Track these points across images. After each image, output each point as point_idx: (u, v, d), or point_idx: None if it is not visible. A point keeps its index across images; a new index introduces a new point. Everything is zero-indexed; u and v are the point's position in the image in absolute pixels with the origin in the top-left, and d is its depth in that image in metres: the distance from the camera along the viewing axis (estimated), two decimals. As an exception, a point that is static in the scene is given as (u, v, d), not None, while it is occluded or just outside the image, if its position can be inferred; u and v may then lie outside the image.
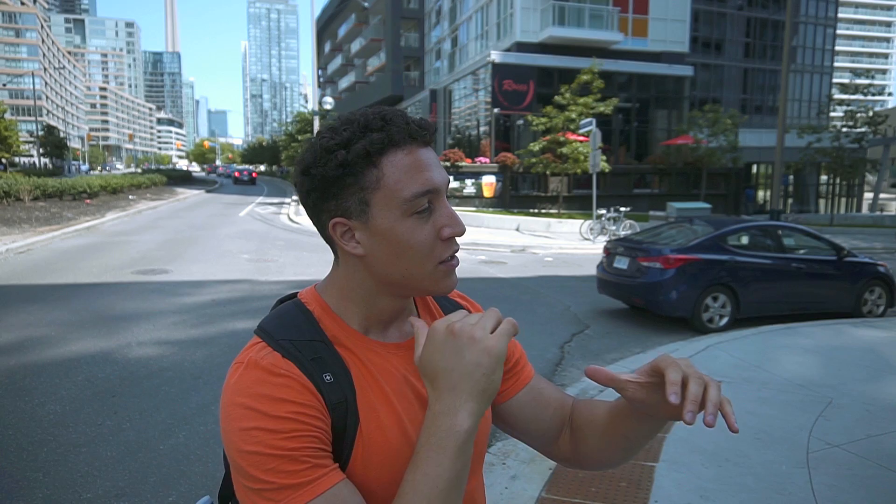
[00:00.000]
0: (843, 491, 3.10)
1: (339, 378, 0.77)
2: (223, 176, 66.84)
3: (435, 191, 0.78)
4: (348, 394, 0.77)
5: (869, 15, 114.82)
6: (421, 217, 0.77)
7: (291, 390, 0.72)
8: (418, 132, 0.78)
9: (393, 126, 0.77)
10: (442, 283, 0.81)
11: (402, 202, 0.76)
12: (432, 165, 0.79)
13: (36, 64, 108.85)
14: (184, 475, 3.32)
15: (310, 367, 0.75)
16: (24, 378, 4.74)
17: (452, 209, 0.80)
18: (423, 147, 0.79)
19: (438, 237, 0.78)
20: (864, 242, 17.14)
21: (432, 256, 0.79)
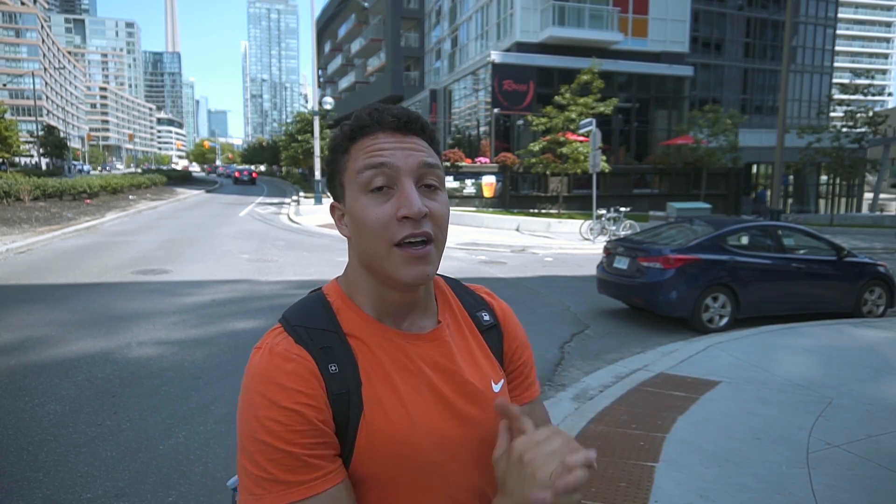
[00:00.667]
0: (843, 491, 3.10)
1: (344, 369, 0.80)
2: (223, 176, 66.84)
3: (386, 166, 0.80)
4: (351, 385, 0.80)
5: (869, 15, 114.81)
6: (377, 195, 0.81)
7: (300, 379, 0.77)
8: (390, 121, 0.83)
9: (368, 117, 0.84)
10: (401, 270, 0.81)
11: (356, 178, 0.82)
12: (393, 147, 0.82)
13: (36, 64, 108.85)
14: (184, 475, 3.32)
15: (318, 356, 0.80)
16: (24, 378, 4.74)
17: (413, 192, 0.80)
18: (401, 134, 0.83)
19: (396, 217, 0.80)
20: (864, 242, 17.13)
21: (386, 236, 0.80)
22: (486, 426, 0.86)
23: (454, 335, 0.92)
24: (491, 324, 0.97)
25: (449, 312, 0.95)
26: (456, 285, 1.01)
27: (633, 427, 3.87)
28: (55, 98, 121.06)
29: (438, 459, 0.83)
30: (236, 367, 5.15)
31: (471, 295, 1.00)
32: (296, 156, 37.29)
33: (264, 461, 0.75)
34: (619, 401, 4.37)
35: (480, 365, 0.92)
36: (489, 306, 1.00)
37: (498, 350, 0.97)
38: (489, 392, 0.89)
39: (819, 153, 25.01)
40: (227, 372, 5.03)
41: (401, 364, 0.84)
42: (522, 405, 0.98)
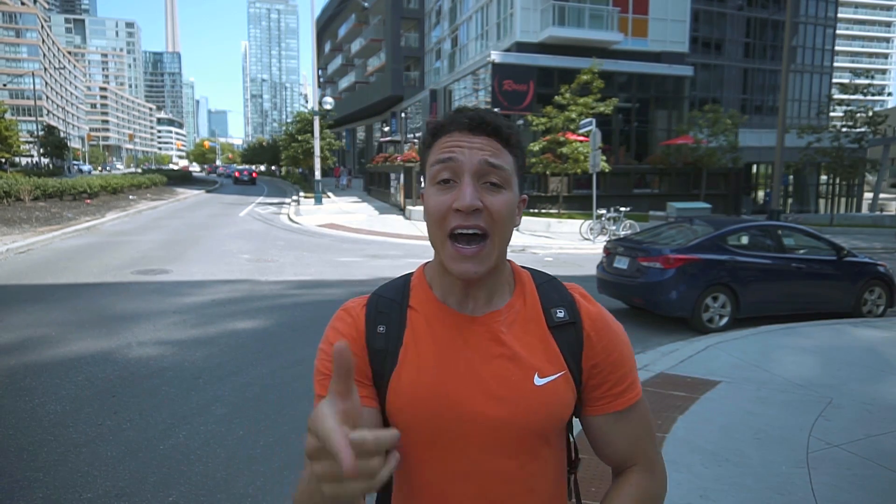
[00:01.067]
0: (843, 491, 3.10)
1: (390, 332, 0.96)
2: (223, 176, 66.81)
3: (453, 162, 0.89)
4: (391, 346, 0.95)
5: (869, 15, 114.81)
6: (442, 187, 0.90)
7: (348, 327, 0.97)
8: (464, 122, 0.92)
9: (448, 117, 0.94)
10: (451, 263, 0.90)
11: (429, 169, 0.93)
12: (462, 146, 0.90)
13: (36, 64, 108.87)
14: (184, 475, 3.32)
15: (373, 317, 0.97)
16: (25, 378, 4.75)
17: (469, 187, 0.88)
18: (472, 134, 0.91)
19: (452, 208, 0.88)
20: (864, 242, 17.13)
21: (443, 223, 0.89)
22: (515, 412, 0.91)
23: (514, 323, 0.96)
24: (565, 321, 0.98)
25: (520, 303, 0.99)
26: (544, 282, 1.04)
27: (633, 427, 3.87)
28: (55, 98, 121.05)
29: (457, 431, 0.91)
30: (236, 367, 5.15)
31: (557, 291, 1.02)
32: (296, 156, 37.26)
33: (315, 378, 0.95)
34: (619, 401, 4.37)
35: (530, 356, 0.94)
36: (574, 304, 1.00)
37: (574, 349, 0.97)
38: (527, 383, 0.92)
39: (819, 153, 24.99)
40: (227, 372, 5.03)
41: (445, 339, 0.94)
42: (605, 415, 0.99)
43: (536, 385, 0.92)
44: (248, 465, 3.48)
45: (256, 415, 4.19)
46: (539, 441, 0.94)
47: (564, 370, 0.95)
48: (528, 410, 0.92)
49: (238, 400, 4.45)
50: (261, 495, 3.16)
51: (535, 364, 0.94)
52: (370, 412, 0.93)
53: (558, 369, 0.95)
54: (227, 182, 52.80)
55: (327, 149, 35.23)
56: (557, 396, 0.94)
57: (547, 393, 0.93)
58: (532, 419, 0.92)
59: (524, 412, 0.91)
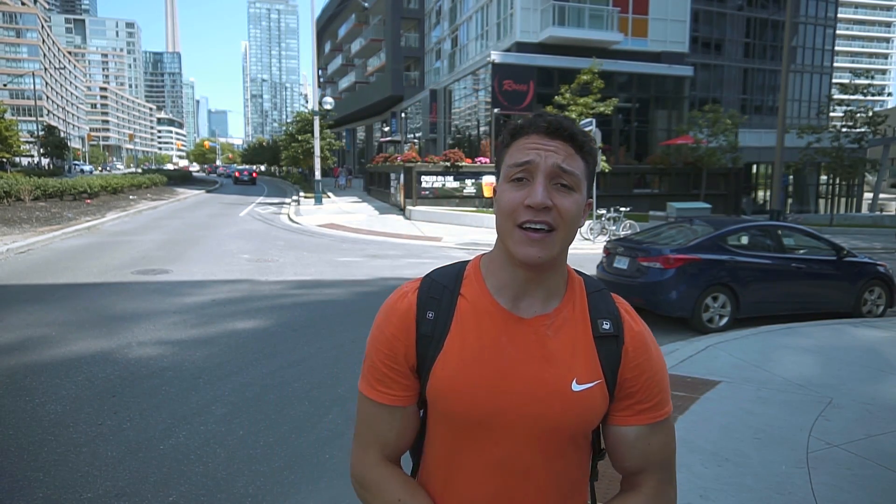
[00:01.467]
0: (843, 491, 3.10)
1: (438, 318, 1.01)
2: (223, 176, 66.81)
3: (528, 164, 0.95)
4: (438, 332, 1.00)
5: (869, 15, 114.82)
6: (515, 184, 0.96)
7: (400, 315, 1.02)
8: (543, 126, 0.97)
9: (528, 121, 0.99)
10: (518, 247, 0.95)
11: (505, 169, 0.98)
12: (539, 149, 0.95)
13: (36, 64, 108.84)
14: (184, 475, 3.32)
15: (424, 301, 1.02)
16: (24, 378, 4.75)
17: (540, 187, 0.94)
18: (548, 137, 0.96)
19: (524, 204, 0.94)
20: (864, 242, 17.13)
21: (513, 216, 0.95)
22: (548, 413, 0.96)
23: (561, 329, 1.01)
24: (609, 333, 1.02)
25: (570, 308, 1.03)
26: (596, 290, 1.07)
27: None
28: (55, 98, 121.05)
29: (492, 423, 0.97)
30: (236, 367, 5.16)
31: (606, 303, 1.06)
32: (296, 156, 37.26)
33: (366, 363, 1.04)
34: (619, 401, 4.37)
35: (572, 362, 0.99)
36: (619, 319, 1.04)
37: (612, 361, 1.01)
38: (564, 388, 0.97)
39: (819, 153, 24.99)
40: (227, 372, 5.03)
41: (490, 334, 0.99)
42: (627, 426, 1.03)
43: (573, 391, 0.97)
44: (248, 465, 3.48)
45: (256, 415, 4.20)
46: (568, 443, 1.00)
47: (601, 379, 1.00)
48: (563, 413, 0.97)
49: (238, 400, 4.45)
50: (261, 495, 3.16)
51: (575, 371, 0.99)
52: (408, 412, 1.03)
53: (595, 378, 0.99)
54: (227, 182, 52.80)
55: (327, 149, 35.22)
56: (592, 403, 0.99)
57: (582, 399, 0.98)
58: (564, 422, 0.97)
59: (558, 414, 0.97)
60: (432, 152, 29.69)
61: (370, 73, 50.97)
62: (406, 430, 1.04)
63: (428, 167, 21.79)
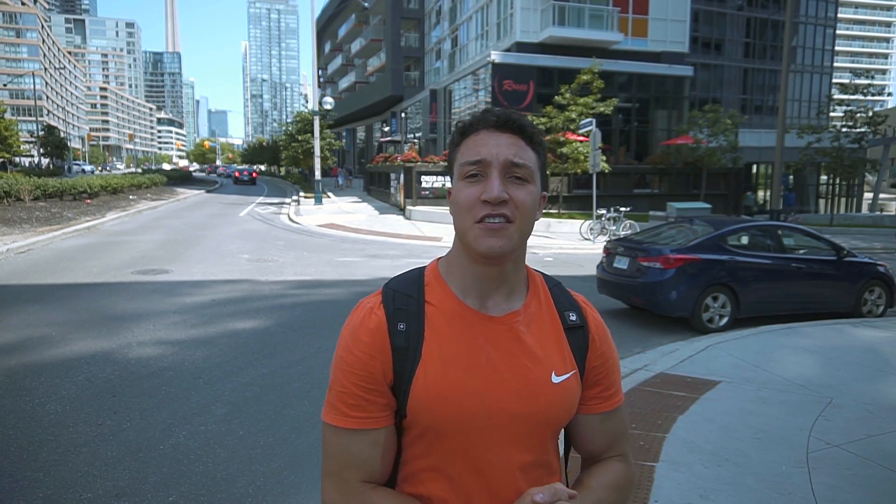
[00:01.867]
0: (843, 491, 3.10)
1: (410, 328, 0.97)
2: (223, 176, 66.79)
3: (482, 162, 0.95)
4: (412, 343, 0.97)
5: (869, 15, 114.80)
6: (470, 181, 0.96)
7: (371, 333, 0.97)
8: (492, 120, 0.97)
9: (475, 117, 0.99)
10: (479, 241, 0.94)
11: (458, 168, 0.98)
12: (490, 144, 0.95)
13: (36, 64, 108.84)
14: (184, 475, 3.32)
15: (393, 314, 0.98)
16: (24, 378, 4.75)
17: (496, 181, 0.94)
18: (498, 132, 0.96)
19: (480, 199, 0.94)
20: (864, 242, 17.13)
21: (472, 213, 0.94)
22: (534, 408, 0.97)
23: (532, 323, 1.02)
24: (577, 324, 1.06)
25: (536, 303, 1.05)
26: (555, 285, 1.11)
27: (633, 427, 3.87)
28: (55, 98, 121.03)
29: (481, 426, 0.96)
30: (236, 367, 5.16)
31: (566, 296, 1.10)
32: (296, 156, 37.25)
33: (333, 388, 0.98)
34: (619, 401, 4.37)
35: (547, 355, 1.01)
36: (581, 310, 1.09)
37: (581, 351, 1.06)
38: (546, 381, 0.99)
39: (819, 153, 24.98)
40: (227, 372, 5.03)
41: (466, 336, 0.98)
42: (594, 414, 1.08)
43: (554, 383, 0.99)
44: (248, 465, 3.48)
45: (256, 415, 4.20)
46: (551, 435, 1.03)
47: (575, 369, 1.03)
48: (547, 406, 0.99)
49: (238, 400, 4.45)
50: (261, 495, 3.16)
51: (552, 363, 1.01)
52: (386, 432, 0.98)
53: (571, 368, 1.02)
54: (227, 182, 52.79)
55: (327, 149, 35.23)
56: (571, 393, 1.02)
57: (562, 390, 1.00)
58: (551, 415, 1.00)
59: (543, 408, 0.98)
60: (432, 152, 29.70)
61: (370, 73, 50.97)
62: (388, 452, 0.98)
63: (428, 167, 21.79)
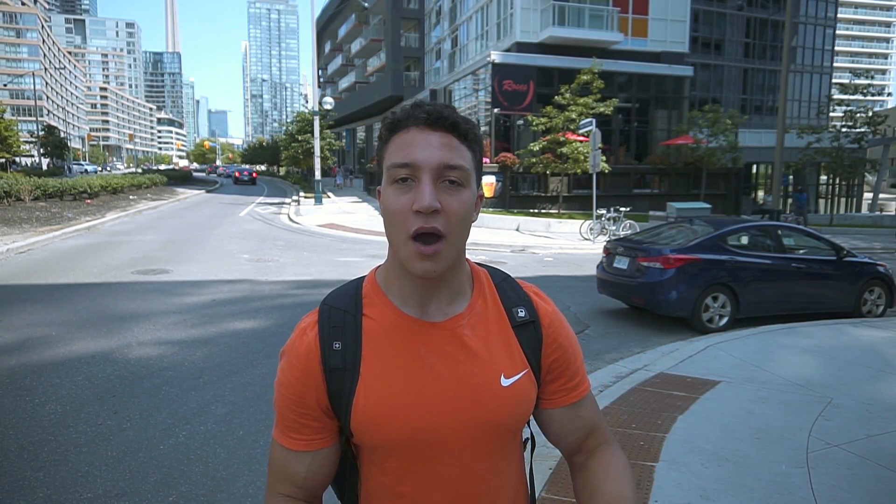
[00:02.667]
0: (843, 491, 3.10)
1: (346, 347, 0.93)
2: (223, 176, 66.78)
3: (412, 165, 0.86)
4: (349, 361, 0.92)
5: (869, 15, 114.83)
6: (401, 187, 0.87)
7: (302, 359, 0.94)
8: (422, 117, 0.88)
9: (404, 112, 0.90)
10: (411, 263, 0.87)
11: (386, 170, 0.89)
12: (421, 145, 0.86)
13: (36, 64, 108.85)
14: (184, 475, 3.32)
15: (327, 333, 0.94)
16: (24, 378, 4.75)
17: (429, 188, 0.85)
18: (429, 129, 0.88)
19: (411, 209, 0.85)
20: (864, 242, 17.14)
21: (404, 226, 0.86)
22: (483, 414, 0.92)
23: (477, 325, 0.96)
24: (526, 320, 0.99)
25: (481, 302, 0.98)
26: (502, 280, 1.04)
27: (633, 427, 3.87)
28: (55, 98, 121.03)
29: (430, 440, 0.91)
30: (236, 367, 5.16)
31: (514, 290, 1.03)
32: (296, 156, 37.26)
33: (276, 408, 0.98)
34: (619, 400, 4.38)
35: (494, 358, 0.95)
36: (531, 303, 1.02)
37: (534, 347, 0.99)
38: (494, 385, 0.94)
39: (819, 153, 25.00)
40: (227, 372, 5.03)
41: (406, 348, 0.92)
42: (563, 407, 1.02)
43: (503, 386, 0.94)
44: (248, 465, 3.48)
45: (256, 415, 4.19)
46: (508, 439, 0.98)
47: (527, 368, 0.97)
48: (498, 412, 0.93)
49: (238, 400, 4.45)
50: (261, 495, 3.16)
51: (500, 365, 0.95)
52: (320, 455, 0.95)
53: (522, 368, 0.97)
54: (227, 182, 52.77)
55: (327, 149, 35.23)
56: (523, 394, 0.96)
57: (514, 392, 0.95)
58: (502, 420, 0.94)
59: (494, 414, 0.93)
60: (432, 152, 29.65)
61: (370, 73, 50.97)
62: (322, 473, 0.97)
63: (428, 167, 21.74)
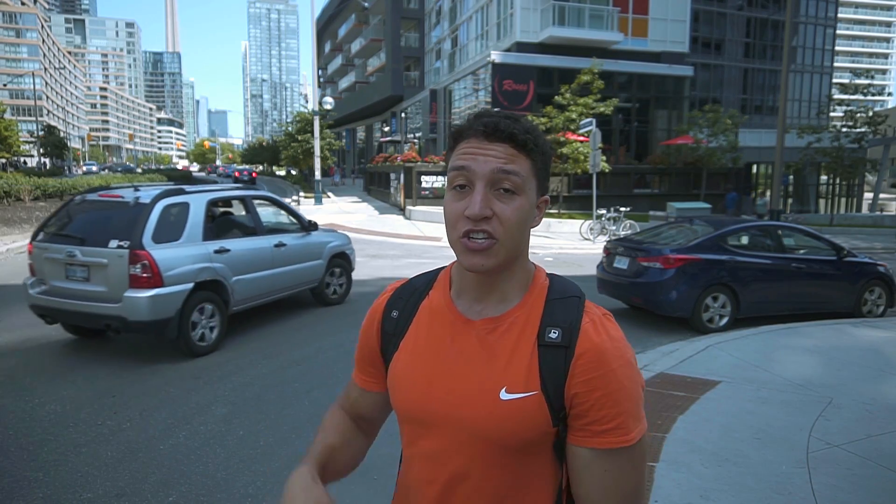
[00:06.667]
0: (843, 491, 3.10)
1: (401, 317, 1.06)
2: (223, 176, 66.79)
3: (466, 170, 0.92)
4: (398, 330, 1.06)
5: (869, 15, 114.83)
6: (457, 193, 0.94)
7: (374, 311, 1.12)
8: (480, 128, 0.93)
9: (467, 122, 0.96)
10: (462, 257, 0.94)
11: (448, 173, 0.96)
12: (478, 155, 0.92)
13: (36, 64, 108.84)
14: (184, 475, 3.32)
15: (393, 301, 1.09)
16: (24, 378, 4.75)
17: (479, 196, 0.91)
18: (490, 141, 0.92)
19: (464, 214, 0.91)
20: (864, 242, 17.14)
21: (457, 227, 0.93)
22: (474, 419, 0.93)
23: (505, 334, 0.96)
24: (556, 343, 0.92)
25: (521, 313, 0.97)
26: (561, 297, 0.99)
27: (633, 427, 3.87)
28: (55, 98, 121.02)
29: (425, 421, 0.98)
30: (236, 367, 5.15)
31: (567, 311, 0.96)
32: (296, 156, 37.25)
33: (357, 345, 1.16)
34: (619, 401, 4.37)
35: (508, 369, 0.92)
36: (576, 329, 0.93)
37: (555, 373, 0.92)
38: (492, 396, 0.92)
39: (819, 153, 24.99)
40: (227, 372, 5.03)
41: (439, 335, 1.01)
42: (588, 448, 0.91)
43: (501, 399, 0.91)
44: (248, 465, 3.48)
45: (256, 415, 4.19)
46: (501, 452, 0.92)
47: (537, 391, 0.91)
48: (486, 420, 0.91)
49: (238, 400, 4.45)
50: (261, 495, 3.16)
51: (509, 379, 0.92)
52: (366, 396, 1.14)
53: (531, 389, 0.91)
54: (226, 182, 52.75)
55: (327, 149, 35.23)
56: (521, 415, 0.90)
57: (509, 409, 0.91)
58: (489, 430, 0.91)
59: (482, 420, 0.92)
60: (432, 152, 29.70)
61: (370, 73, 50.98)
62: (367, 409, 1.15)
63: (428, 167, 21.79)
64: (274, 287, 6.66)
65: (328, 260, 7.54)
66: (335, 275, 7.76)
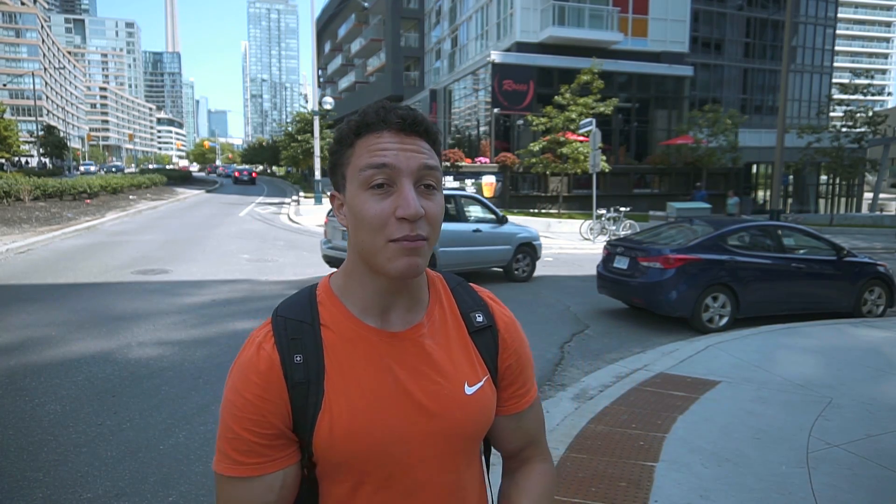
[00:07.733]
0: (843, 491, 3.10)
1: (308, 360, 0.87)
2: (223, 176, 66.80)
3: (388, 167, 0.83)
4: (313, 375, 0.86)
5: (869, 15, 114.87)
6: (377, 192, 0.83)
7: (263, 375, 0.86)
8: (396, 121, 0.85)
9: (375, 114, 0.87)
10: (393, 263, 0.84)
11: (358, 174, 0.85)
12: (395, 148, 0.84)
13: (36, 64, 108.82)
14: (184, 475, 3.32)
15: (286, 346, 0.87)
16: (24, 378, 4.74)
17: (411, 194, 0.83)
18: (408, 135, 0.86)
19: (394, 215, 0.83)
20: (864, 242, 17.14)
21: (383, 232, 0.83)
22: (450, 425, 0.90)
23: (437, 333, 0.94)
24: (484, 325, 0.98)
25: (439, 309, 0.96)
26: (457, 284, 1.02)
27: (633, 427, 3.88)
28: (55, 98, 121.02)
29: (399, 454, 0.87)
30: (236, 367, 5.15)
31: (470, 295, 1.01)
32: (295, 156, 37.26)
33: (224, 435, 0.86)
34: (619, 400, 4.38)
35: (456, 365, 0.93)
36: (488, 309, 1.00)
37: (491, 352, 0.98)
38: (459, 395, 0.91)
39: (819, 153, 25.02)
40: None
41: (370, 359, 0.88)
42: (512, 414, 1.01)
43: (467, 395, 0.92)
44: (248, 465, 3.48)
45: (256, 415, 4.19)
46: (472, 449, 0.96)
47: (487, 374, 0.96)
48: (464, 420, 0.92)
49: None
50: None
51: (463, 374, 0.93)
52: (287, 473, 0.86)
53: (483, 375, 0.95)
54: (226, 182, 52.76)
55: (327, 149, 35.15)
56: (486, 402, 0.94)
57: (477, 400, 0.93)
58: (469, 429, 0.92)
59: (460, 423, 0.91)
60: (432, 152, 29.66)
61: (370, 73, 50.98)
62: (290, 493, 0.88)
63: (428, 167, 21.76)
64: (470, 260, 9.13)
65: (516, 247, 9.60)
66: (520, 260, 9.76)
